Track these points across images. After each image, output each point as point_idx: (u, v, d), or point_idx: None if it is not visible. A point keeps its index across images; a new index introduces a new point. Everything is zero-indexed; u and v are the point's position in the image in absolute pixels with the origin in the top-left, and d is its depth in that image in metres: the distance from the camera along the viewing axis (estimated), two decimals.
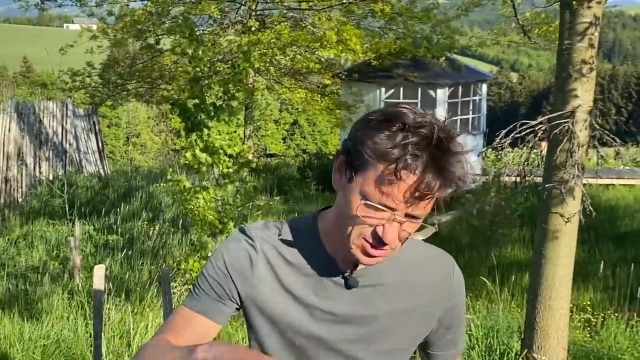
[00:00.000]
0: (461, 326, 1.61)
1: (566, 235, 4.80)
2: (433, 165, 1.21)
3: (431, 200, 1.25)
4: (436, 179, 1.21)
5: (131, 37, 14.58)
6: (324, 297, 1.43)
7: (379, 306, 1.45)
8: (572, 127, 4.51)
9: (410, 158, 1.20)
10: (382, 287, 1.45)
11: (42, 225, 10.33)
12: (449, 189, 1.24)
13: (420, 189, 1.21)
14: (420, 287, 1.49)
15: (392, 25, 15.68)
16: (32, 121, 13.94)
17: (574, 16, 4.58)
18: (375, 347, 1.46)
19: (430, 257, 1.53)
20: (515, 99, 73.96)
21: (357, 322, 1.44)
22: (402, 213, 1.24)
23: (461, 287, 1.56)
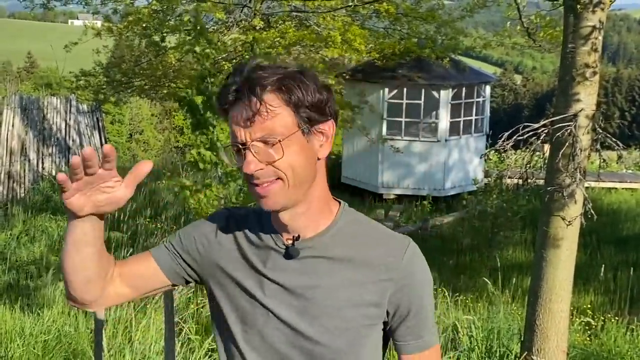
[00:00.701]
0: (423, 316, 1.52)
1: (567, 239, 4.81)
2: (232, 87, 1.38)
3: (263, 118, 1.35)
4: (237, 94, 1.37)
5: (136, 36, 14.58)
6: (271, 268, 1.49)
7: (322, 278, 1.46)
8: (574, 131, 4.52)
9: (224, 92, 1.39)
10: (326, 259, 1.47)
11: (45, 220, 10.36)
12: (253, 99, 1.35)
13: (239, 113, 1.37)
14: (367, 263, 1.47)
15: (397, 25, 15.67)
16: (36, 116, 13.97)
17: (578, 20, 4.59)
18: (320, 323, 1.46)
19: (383, 236, 1.52)
20: (519, 101, 73.95)
21: (301, 293, 1.46)
22: (249, 142, 1.36)
23: (417, 270, 1.51)
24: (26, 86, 37.65)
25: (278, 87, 1.37)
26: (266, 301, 1.49)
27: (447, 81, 16.21)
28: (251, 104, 1.35)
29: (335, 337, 1.46)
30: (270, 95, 1.36)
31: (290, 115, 1.38)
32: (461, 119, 16.65)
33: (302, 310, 1.47)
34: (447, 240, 12.52)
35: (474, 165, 17.16)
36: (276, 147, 1.36)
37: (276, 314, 1.48)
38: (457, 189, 16.65)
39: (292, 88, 1.37)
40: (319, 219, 1.49)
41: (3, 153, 12.73)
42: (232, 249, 1.55)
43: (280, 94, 1.37)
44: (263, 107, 1.35)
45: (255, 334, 1.51)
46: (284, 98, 1.37)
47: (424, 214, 14.55)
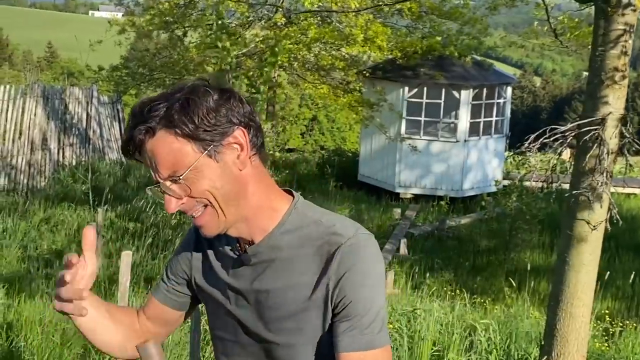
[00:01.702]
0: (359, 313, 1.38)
1: (591, 243, 4.77)
2: (126, 130, 1.39)
3: (157, 153, 1.35)
4: (126, 135, 1.38)
5: (158, 29, 14.65)
6: (232, 275, 1.50)
7: (269, 282, 1.45)
8: (602, 134, 4.48)
9: (124, 147, 1.41)
10: (274, 262, 1.45)
11: (64, 210, 10.42)
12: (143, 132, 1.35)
13: (139, 152, 1.38)
14: (309, 261, 1.42)
15: (419, 24, 15.63)
16: (58, 106, 14.04)
17: (608, 23, 4.55)
18: (276, 326, 1.45)
19: (325, 231, 1.43)
20: (538, 104, 73.43)
21: (255, 298, 1.47)
22: (162, 181, 1.36)
23: (354, 264, 1.39)
24: (46, 76, 37.92)
25: (165, 124, 1.34)
26: (233, 309, 1.51)
27: (469, 81, 16.14)
28: (146, 151, 1.36)
29: (291, 338, 1.45)
30: (160, 134, 1.34)
31: (187, 144, 1.34)
32: (481, 119, 16.56)
33: (259, 316, 1.47)
34: (464, 242, 12.46)
35: (492, 167, 17.08)
36: (180, 185, 1.36)
37: (240, 319, 1.50)
38: (475, 190, 16.58)
39: (179, 119, 1.33)
40: (264, 223, 1.45)
41: (25, 142, 12.81)
42: (204, 262, 1.59)
43: (170, 129, 1.34)
44: (159, 149, 1.34)
45: (235, 343, 1.54)
46: (175, 132, 1.34)
47: (441, 214, 14.50)
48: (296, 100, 38.15)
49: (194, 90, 1.36)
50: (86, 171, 12.04)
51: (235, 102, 1.38)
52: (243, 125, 1.38)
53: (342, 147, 29.92)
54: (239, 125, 1.37)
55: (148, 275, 7.64)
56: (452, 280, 9.98)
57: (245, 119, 1.38)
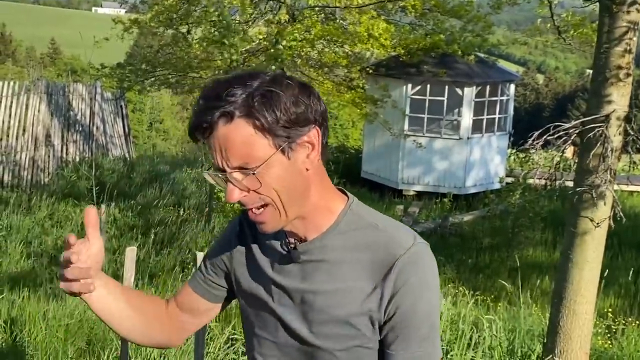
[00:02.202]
0: (415, 325, 1.39)
1: (595, 240, 4.77)
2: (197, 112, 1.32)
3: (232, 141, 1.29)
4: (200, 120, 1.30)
5: (162, 26, 14.64)
6: (277, 272, 1.47)
7: (319, 283, 1.41)
8: (606, 132, 4.48)
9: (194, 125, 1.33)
10: (324, 263, 1.42)
11: (68, 206, 10.45)
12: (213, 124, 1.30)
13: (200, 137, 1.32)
14: (365, 267, 1.39)
15: (422, 21, 15.60)
16: (61, 103, 14.07)
17: (613, 20, 4.55)
18: (319, 329, 1.42)
19: (384, 237, 1.41)
20: (540, 101, 73.37)
21: (303, 297, 1.43)
22: (228, 170, 1.31)
23: (414, 275, 1.38)
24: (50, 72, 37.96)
25: (245, 113, 1.29)
26: (273, 305, 1.48)
27: (472, 79, 16.12)
28: (217, 136, 1.30)
29: (337, 344, 1.42)
30: (238, 121, 1.29)
31: (264, 138, 1.30)
32: (484, 117, 16.55)
33: (304, 316, 1.44)
34: (466, 239, 12.47)
35: (495, 164, 17.07)
36: (251, 178, 1.31)
37: (282, 318, 1.46)
38: (477, 188, 16.58)
39: (262, 110, 1.28)
40: (320, 222, 1.42)
41: (28, 138, 12.84)
42: (247, 255, 1.55)
43: (249, 119, 1.29)
44: (236, 136, 1.29)
45: (271, 342, 1.50)
46: (255, 124, 1.29)
47: (444, 212, 14.51)
48: None
49: (275, 81, 1.33)
50: (90, 167, 12.07)
51: (314, 99, 1.35)
52: (318, 124, 1.35)
53: (345, 144, 29.91)
54: (314, 124, 1.35)
55: (152, 271, 7.66)
56: (455, 277, 9.98)
57: (320, 117, 1.36)
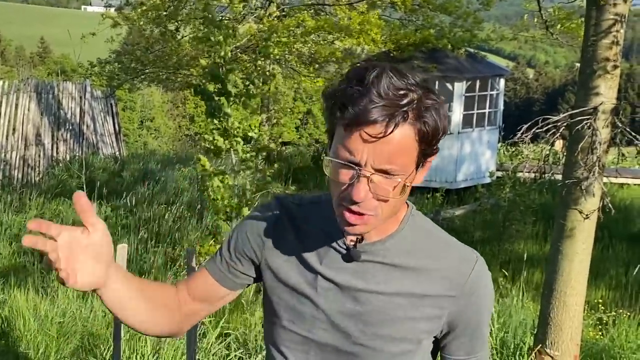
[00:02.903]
0: (479, 333, 1.47)
1: (584, 232, 4.81)
2: (375, 104, 1.21)
3: (394, 144, 1.23)
4: (380, 114, 1.21)
5: (151, 24, 14.64)
6: (327, 266, 1.42)
7: (379, 284, 1.40)
8: (594, 124, 4.51)
9: (351, 105, 1.22)
10: (386, 266, 1.41)
11: (59, 204, 10.42)
12: (397, 122, 1.22)
13: (371, 132, 1.21)
14: (429, 275, 1.41)
15: (412, 16, 15.64)
16: (51, 102, 14.02)
17: (600, 12, 4.58)
18: (372, 330, 1.40)
19: (448, 247, 1.45)
20: (531, 95, 73.66)
21: (355, 295, 1.40)
22: (368, 168, 1.23)
23: (482, 288, 1.43)
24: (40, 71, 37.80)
25: (416, 117, 1.23)
26: (317, 299, 1.43)
27: (462, 73, 16.15)
28: (387, 130, 1.21)
29: (386, 344, 1.41)
30: (408, 125, 1.23)
31: (416, 150, 1.26)
32: (474, 111, 16.59)
33: (355, 313, 1.41)
34: (458, 233, 12.50)
35: (486, 158, 17.12)
36: (397, 188, 1.26)
37: (327, 313, 1.42)
38: (468, 182, 16.63)
39: (428, 122, 1.24)
40: (387, 226, 1.41)
41: (18, 138, 12.79)
42: (283, 245, 1.49)
43: (417, 126, 1.24)
44: (398, 138, 1.22)
45: (303, 337, 1.46)
46: (418, 132, 1.24)
47: (435, 206, 14.54)
48: (290, 94, 38.13)
49: (433, 91, 1.28)
50: (80, 166, 12.03)
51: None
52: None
53: None
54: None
55: (143, 268, 7.66)
56: None
57: None
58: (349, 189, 1.25)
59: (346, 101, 1.23)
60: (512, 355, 5.30)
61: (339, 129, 1.26)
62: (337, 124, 1.26)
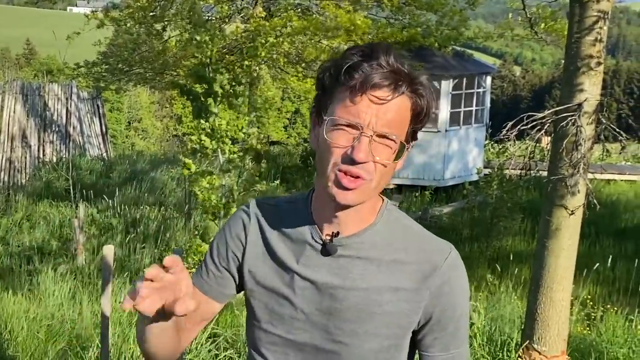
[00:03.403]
0: (454, 328, 1.46)
1: (569, 228, 4.83)
2: (383, 69, 1.28)
3: (395, 111, 1.29)
4: (387, 78, 1.28)
5: (137, 24, 14.57)
6: (304, 264, 1.42)
7: (355, 280, 1.39)
8: (578, 121, 4.54)
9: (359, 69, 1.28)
10: (362, 260, 1.40)
11: (46, 206, 10.38)
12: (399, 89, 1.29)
13: (378, 94, 1.28)
14: (405, 268, 1.41)
15: (399, 15, 15.65)
16: (37, 103, 13.95)
17: (583, 10, 4.60)
18: (350, 326, 1.40)
19: (423, 240, 1.45)
20: (518, 93, 73.95)
21: (332, 293, 1.40)
22: (370, 130, 1.28)
23: (455, 280, 1.44)
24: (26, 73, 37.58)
25: (413, 90, 1.32)
26: (295, 299, 1.42)
27: (449, 71, 16.20)
28: (394, 95, 1.28)
29: (365, 341, 1.40)
30: (406, 97, 1.31)
31: (408, 123, 1.33)
32: (461, 109, 16.64)
33: (332, 311, 1.40)
34: (446, 230, 12.54)
35: (473, 156, 17.18)
36: (391, 152, 1.31)
37: (305, 312, 1.42)
38: (456, 180, 16.68)
39: (422, 97, 1.33)
40: (365, 216, 1.42)
41: (4, 139, 12.72)
42: (260, 245, 1.48)
43: (413, 99, 1.32)
44: (398, 106, 1.30)
45: (283, 339, 1.45)
46: (412, 104, 1.32)
47: (424, 204, 14.59)
48: (278, 94, 38.09)
49: (426, 78, 1.35)
50: (67, 168, 11.99)
51: None
52: None
53: None
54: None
55: (132, 269, 7.64)
56: None
57: None
58: (349, 150, 1.29)
59: (354, 66, 1.29)
60: (500, 351, 5.33)
61: (342, 94, 1.30)
62: (339, 89, 1.31)
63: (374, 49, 1.30)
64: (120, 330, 5.11)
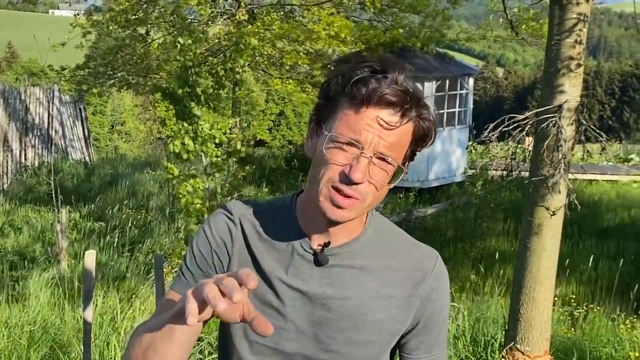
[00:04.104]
0: (437, 331, 1.48)
1: (551, 229, 4.86)
2: (388, 90, 1.25)
3: (398, 135, 1.27)
4: (396, 96, 1.25)
5: (120, 28, 14.52)
6: (293, 274, 1.38)
7: (349, 289, 1.38)
8: (559, 122, 4.57)
9: (368, 83, 1.25)
10: (354, 269, 1.39)
11: (28, 211, 10.30)
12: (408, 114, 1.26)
13: (387, 118, 1.25)
14: (395, 275, 1.41)
15: (381, 17, 15.70)
16: (19, 107, 13.85)
17: (563, 12, 4.63)
18: (344, 335, 1.38)
19: (410, 247, 1.46)
20: (501, 94, 74.35)
21: (325, 303, 1.38)
22: (370, 150, 1.25)
23: (441, 286, 1.46)
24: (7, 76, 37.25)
25: (418, 114, 1.29)
26: (284, 310, 1.39)
27: (431, 73, 16.25)
28: (402, 118, 1.26)
29: (358, 349, 1.39)
30: (412, 122, 1.29)
31: (408, 146, 1.31)
32: (444, 110, 16.71)
33: (325, 321, 1.38)
34: (430, 231, 12.59)
35: (457, 157, 17.26)
36: (383, 173, 1.28)
37: (295, 323, 1.39)
38: (440, 181, 16.74)
39: (424, 123, 1.31)
40: (353, 227, 1.40)
41: None
42: (245, 253, 1.43)
43: (416, 123, 1.30)
44: (402, 130, 1.27)
45: (271, 349, 1.41)
46: (415, 129, 1.30)
47: (408, 205, 14.63)
48: (262, 96, 38.02)
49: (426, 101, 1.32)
50: (49, 172, 11.90)
51: None
52: None
53: None
54: None
55: (115, 274, 7.59)
56: None
57: None
58: (347, 169, 1.26)
59: (363, 80, 1.25)
60: (484, 351, 5.35)
61: (345, 107, 1.27)
62: (344, 101, 1.28)
63: (386, 65, 1.27)
64: (102, 335, 5.08)
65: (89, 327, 3.88)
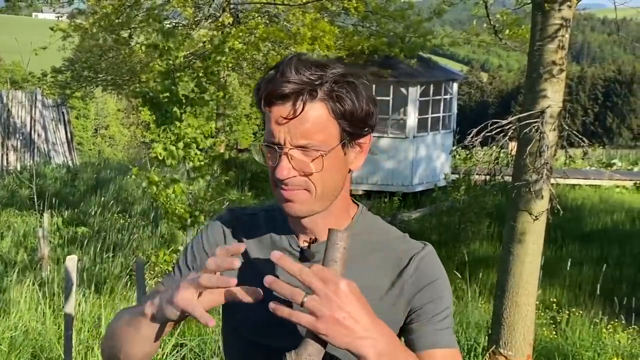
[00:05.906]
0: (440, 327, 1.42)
1: (534, 233, 4.89)
2: (275, 86, 1.28)
3: (309, 121, 1.28)
4: (288, 88, 1.27)
5: (103, 31, 14.45)
6: (281, 272, 1.35)
7: None
8: (541, 127, 4.60)
9: (268, 87, 1.29)
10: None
11: (10, 216, 10.21)
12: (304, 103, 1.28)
13: (282, 113, 1.28)
14: (383, 268, 1.42)
15: (366, 23, 15.74)
16: (0, 110, 13.75)
17: (546, 18, 4.67)
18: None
19: (399, 240, 1.47)
20: (485, 99, 74.75)
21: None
22: (287, 145, 1.29)
23: (431, 270, 1.43)
24: None
25: (329, 96, 1.29)
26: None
27: (415, 78, 16.30)
28: (297, 109, 1.28)
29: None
30: (320, 103, 1.29)
31: (335, 127, 1.31)
32: (429, 115, 16.76)
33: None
34: (415, 236, 12.35)
35: (441, 162, 17.31)
36: (316, 161, 1.31)
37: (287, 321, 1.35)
38: (424, 185, 16.78)
39: (343, 98, 1.30)
40: (339, 222, 1.43)
41: None
42: (240, 257, 1.41)
43: (331, 104, 1.30)
44: (310, 115, 1.29)
45: (268, 349, 1.43)
46: (334, 109, 1.30)
47: (393, 210, 14.65)
48: (247, 100, 37.99)
49: (357, 75, 1.34)
50: (31, 176, 11.81)
51: (377, 107, 1.38)
52: (372, 131, 1.39)
53: None
54: (371, 130, 1.38)
55: (97, 279, 7.54)
56: None
57: (374, 126, 1.39)
58: (276, 170, 1.32)
59: (262, 82, 1.31)
60: (467, 355, 5.36)
61: (265, 115, 1.32)
62: (262, 110, 1.32)
63: (282, 63, 1.31)
64: (84, 340, 5.04)
65: (70, 332, 3.85)
